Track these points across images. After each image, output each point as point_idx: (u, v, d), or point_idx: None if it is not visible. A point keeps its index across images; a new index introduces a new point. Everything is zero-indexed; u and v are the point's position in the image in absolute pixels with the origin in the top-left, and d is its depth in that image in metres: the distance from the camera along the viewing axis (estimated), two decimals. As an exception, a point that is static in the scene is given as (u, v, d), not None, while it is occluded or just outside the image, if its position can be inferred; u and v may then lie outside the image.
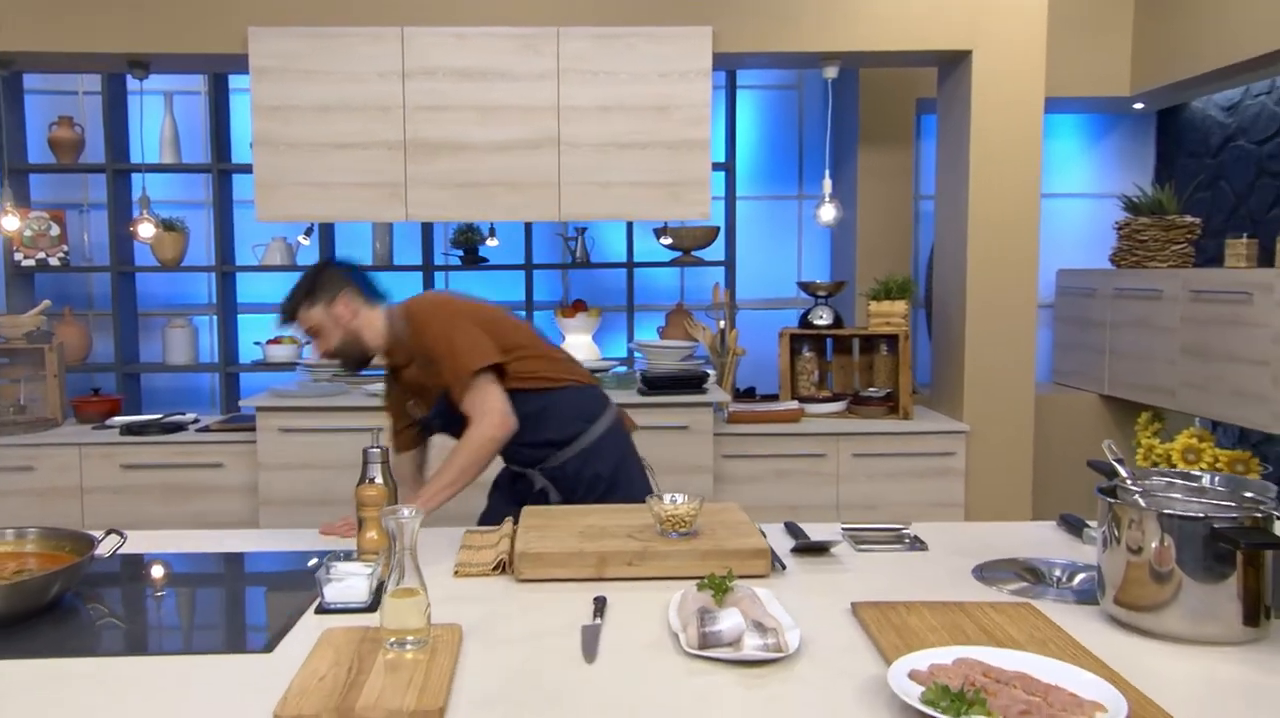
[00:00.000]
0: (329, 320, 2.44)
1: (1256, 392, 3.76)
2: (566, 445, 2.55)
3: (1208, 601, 1.53)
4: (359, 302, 2.47)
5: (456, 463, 2.35)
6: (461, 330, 2.42)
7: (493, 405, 2.38)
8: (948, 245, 4.11)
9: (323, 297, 2.43)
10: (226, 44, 3.72)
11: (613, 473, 2.55)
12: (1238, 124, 4.73)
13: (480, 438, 2.36)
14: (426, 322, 2.44)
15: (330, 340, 2.45)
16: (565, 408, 2.55)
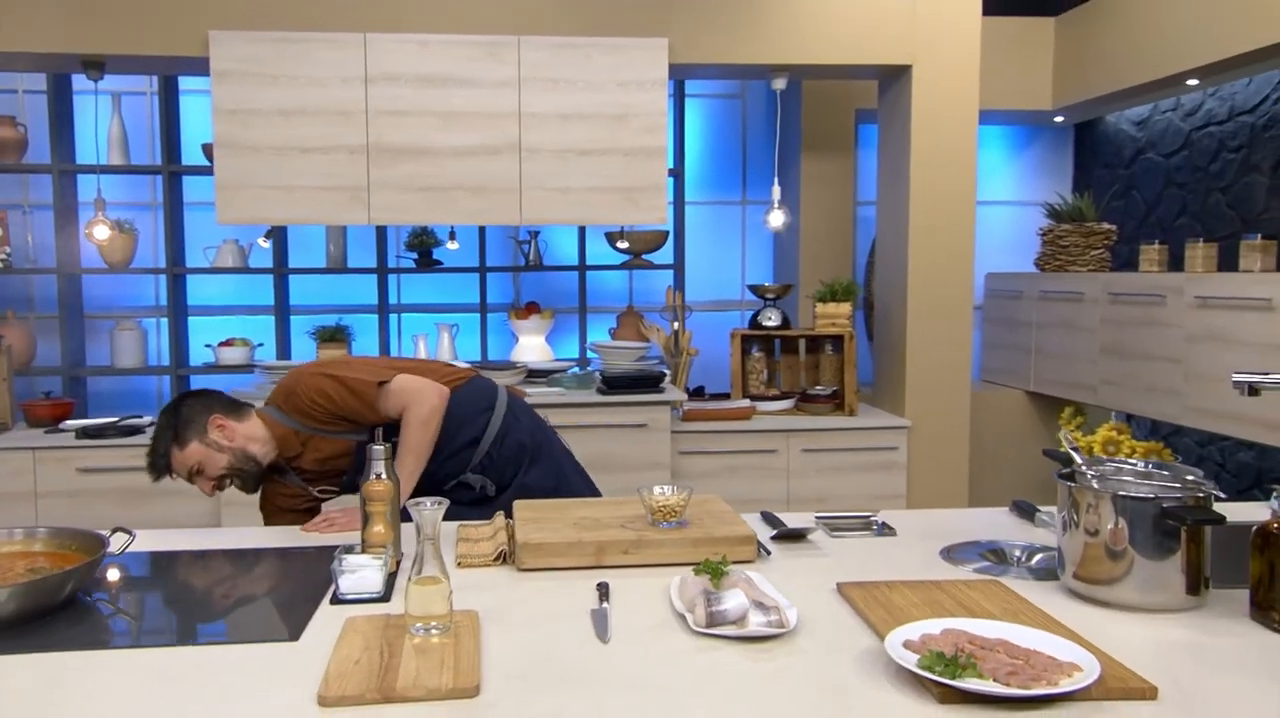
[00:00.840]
0: (209, 452, 2.38)
1: (1169, 387, 4.05)
2: (483, 436, 2.60)
3: (1156, 573, 1.71)
4: (230, 419, 2.42)
5: (410, 448, 2.40)
6: (341, 370, 2.47)
7: (415, 385, 2.43)
8: (890, 250, 4.32)
9: (192, 433, 2.37)
10: (186, 46, 3.73)
11: (532, 437, 2.65)
12: (1147, 138, 5.06)
13: (421, 414, 2.41)
14: (305, 389, 2.43)
15: (217, 467, 2.39)
16: (467, 406, 2.59)
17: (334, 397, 2.43)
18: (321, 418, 2.46)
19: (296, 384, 2.47)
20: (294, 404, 2.46)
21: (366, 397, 2.41)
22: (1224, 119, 4.57)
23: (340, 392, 2.42)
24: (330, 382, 2.44)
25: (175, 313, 4.46)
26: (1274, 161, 4.29)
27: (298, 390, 2.45)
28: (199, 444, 2.38)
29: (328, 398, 2.43)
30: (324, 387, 2.43)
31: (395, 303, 4.87)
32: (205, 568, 2.12)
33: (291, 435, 2.48)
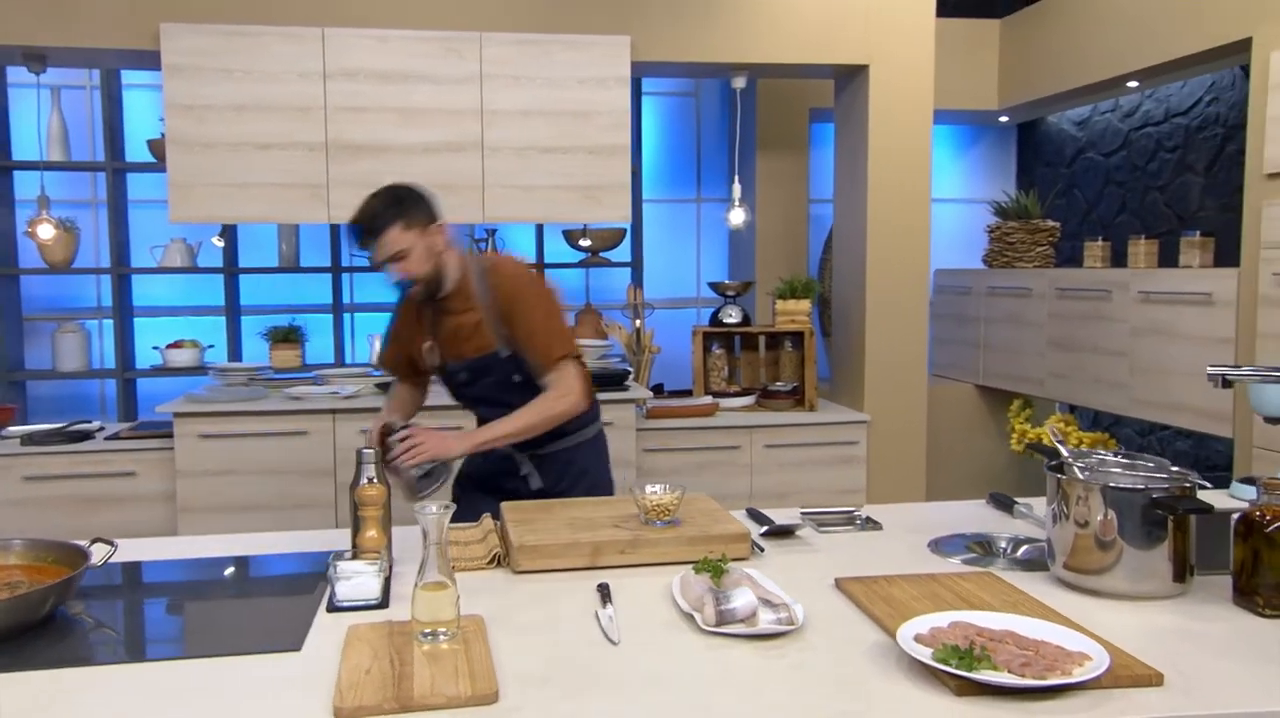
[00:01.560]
0: (422, 246, 2.37)
1: (1115, 380, 4.18)
2: (569, 436, 2.60)
3: (1145, 562, 1.77)
4: (447, 236, 2.45)
5: (525, 419, 2.42)
6: (555, 313, 2.50)
7: (575, 386, 2.46)
8: (848, 247, 4.38)
9: (417, 221, 2.37)
10: (134, 39, 3.61)
11: (596, 470, 2.66)
12: (1087, 138, 5.21)
13: (556, 407, 2.44)
14: (520, 289, 2.46)
15: (420, 267, 2.38)
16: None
17: (533, 315, 2.43)
18: (501, 311, 2.44)
19: (516, 270, 2.51)
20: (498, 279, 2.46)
21: (547, 349, 2.43)
22: (1160, 120, 4.73)
23: (542, 320, 2.44)
24: (546, 305, 2.47)
25: (120, 314, 4.32)
26: (1208, 162, 4.46)
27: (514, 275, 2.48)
28: (419, 233, 2.37)
29: (529, 308, 2.43)
30: (535, 299, 2.45)
31: (349, 302, 4.78)
32: (188, 578, 2.06)
33: (466, 294, 2.47)
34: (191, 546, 2.26)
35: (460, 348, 2.51)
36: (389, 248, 2.35)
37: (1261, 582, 1.71)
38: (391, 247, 2.35)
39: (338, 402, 3.79)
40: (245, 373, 3.96)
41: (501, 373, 2.51)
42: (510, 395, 2.51)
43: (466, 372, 2.53)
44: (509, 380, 2.51)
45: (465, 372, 2.53)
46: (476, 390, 2.56)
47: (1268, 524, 1.70)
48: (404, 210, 2.36)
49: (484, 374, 2.51)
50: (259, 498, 3.67)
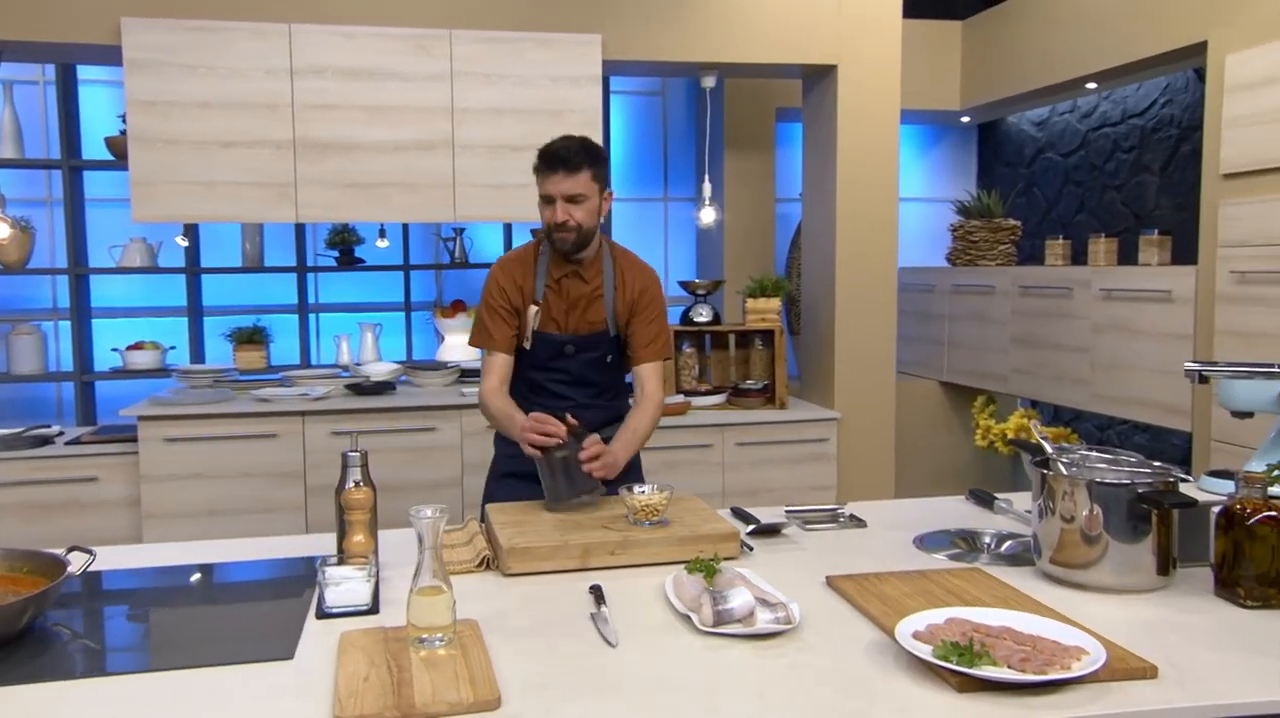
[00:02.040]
0: (597, 202, 2.46)
1: (1077, 376, 4.26)
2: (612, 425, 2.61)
3: (1130, 556, 1.81)
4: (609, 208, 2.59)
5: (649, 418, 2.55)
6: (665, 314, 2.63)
7: (662, 392, 2.61)
8: (816, 246, 4.41)
9: (603, 177, 2.49)
10: (94, 34, 3.52)
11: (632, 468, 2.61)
12: (1046, 138, 5.30)
13: (660, 410, 2.59)
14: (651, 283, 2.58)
15: (589, 218, 2.45)
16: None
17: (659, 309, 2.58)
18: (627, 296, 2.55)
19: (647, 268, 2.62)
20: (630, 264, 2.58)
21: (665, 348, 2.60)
22: (1117, 121, 4.83)
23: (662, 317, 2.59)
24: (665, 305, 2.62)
25: (78, 315, 4.21)
26: (1163, 162, 4.56)
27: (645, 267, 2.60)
28: (600, 190, 2.47)
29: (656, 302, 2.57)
30: (662, 297, 2.60)
31: (315, 302, 4.71)
32: (168, 586, 2.02)
33: (596, 266, 2.54)
34: (167, 553, 2.21)
35: (576, 318, 2.55)
36: (576, 186, 2.41)
37: (1243, 573, 1.75)
38: (578, 186, 2.41)
39: (307, 403, 3.73)
40: (210, 375, 3.88)
41: (602, 351, 2.58)
42: (596, 374, 2.60)
43: (573, 344, 2.55)
44: (603, 360, 2.59)
45: (572, 344, 2.55)
46: (570, 363, 2.57)
47: (1249, 517, 1.74)
48: (600, 161, 2.47)
49: (587, 349, 2.56)
50: (227, 502, 3.61)
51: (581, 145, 2.45)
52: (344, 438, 3.70)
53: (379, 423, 3.72)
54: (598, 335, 2.56)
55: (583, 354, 2.56)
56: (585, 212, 2.44)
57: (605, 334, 2.56)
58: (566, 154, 2.42)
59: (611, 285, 2.55)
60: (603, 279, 2.55)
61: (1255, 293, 3.43)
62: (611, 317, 2.55)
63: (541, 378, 2.60)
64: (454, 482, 3.73)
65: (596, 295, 2.54)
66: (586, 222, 2.45)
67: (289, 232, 4.50)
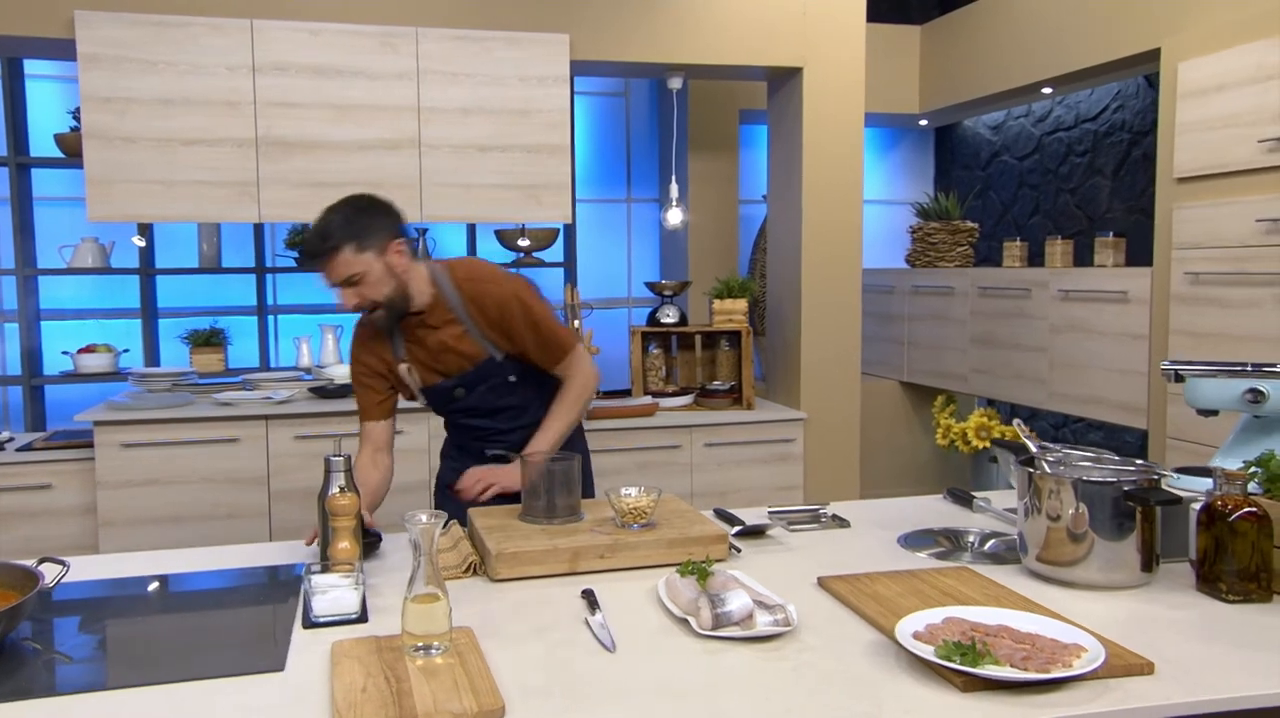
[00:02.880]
0: (380, 269, 2.19)
1: (1035, 375, 4.34)
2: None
3: (1116, 553, 1.84)
4: (407, 251, 2.26)
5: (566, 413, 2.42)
6: (546, 305, 2.40)
7: (590, 370, 2.46)
8: (782, 247, 4.43)
9: (373, 242, 2.18)
10: (44, 26, 3.41)
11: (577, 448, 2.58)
12: (1002, 142, 5.40)
13: (586, 391, 2.44)
14: (505, 292, 2.33)
15: (379, 290, 2.21)
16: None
17: (532, 317, 2.34)
18: (490, 320, 2.34)
19: (494, 275, 2.36)
20: (477, 290, 2.33)
21: (563, 343, 2.40)
22: (1070, 125, 4.93)
23: (542, 319, 2.36)
24: (538, 311, 2.36)
25: (26, 317, 4.07)
26: (1115, 166, 4.66)
27: (493, 281, 2.35)
28: (376, 257, 2.19)
29: (525, 312, 2.33)
30: (529, 301, 2.34)
31: (274, 304, 4.62)
32: (144, 597, 1.96)
33: (443, 308, 2.33)
34: (136, 562, 2.15)
35: (448, 363, 2.40)
36: (341, 271, 2.17)
37: (1225, 569, 1.79)
38: (344, 270, 2.17)
39: (270, 407, 3.65)
40: (168, 378, 3.78)
41: (498, 377, 2.44)
42: (505, 398, 2.47)
43: (461, 386, 2.43)
44: (505, 383, 2.45)
45: (460, 386, 2.43)
46: (471, 401, 2.46)
47: (1230, 513, 1.78)
48: (356, 230, 2.17)
49: (479, 383, 2.44)
50: (187, 509, 3.52)
51: (326, 227, 2.18)
52: (308, 442, 3.63)
53: (344, 427, 3.66)
54: (483, 367, 2.40)
55: (477, 389, 2.44)
56: (370, 287, 2.20)
57: (491, 361, 2.41)
58: (314, 246, 2.18)
59: (466, 316, 2.35)
60: (454, 316, 2.36)
61: (1208, 294, 3.52)
62: (486, 343, 2.38)
63: (459, 419, 2.54)
64: (422, 485, 3.68)
65: (457, 331, 2.37)
66: (379, 293, 2.22)
67: (247, 232, 4.41)
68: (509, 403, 2.47)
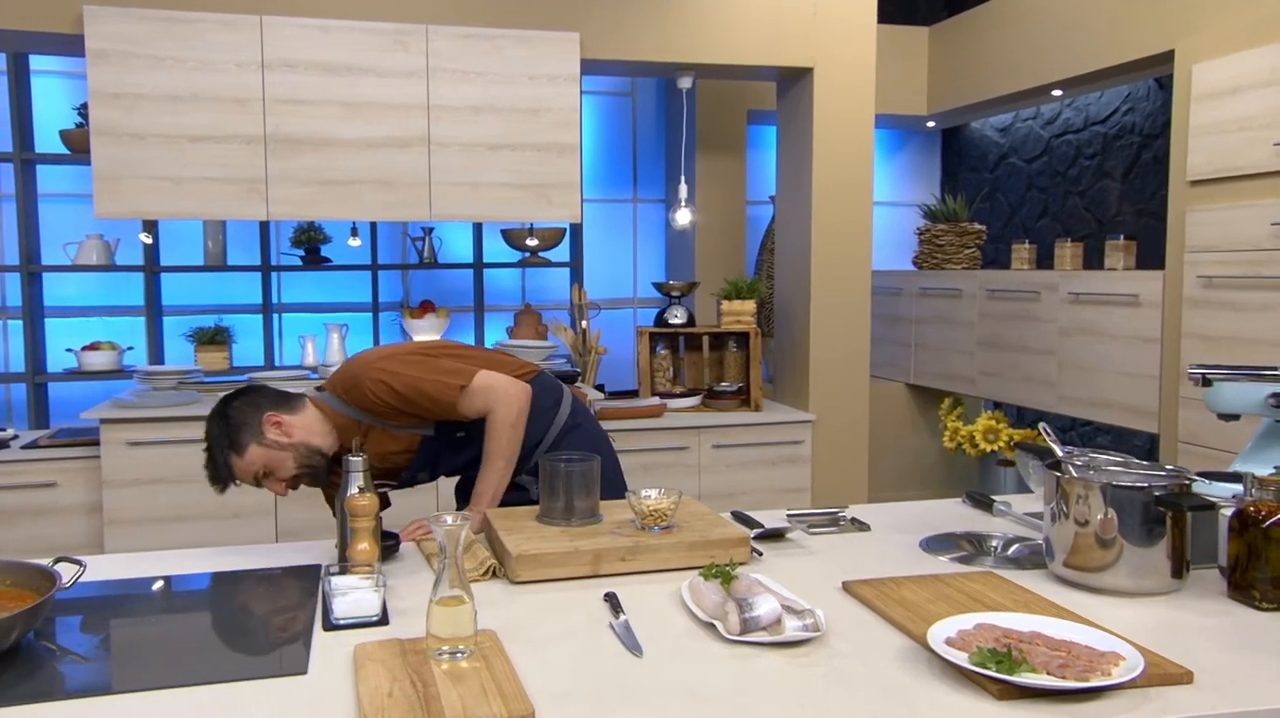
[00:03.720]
0: (271, 453, 2.17)
1: (1044, 378, 4.33)
2: (544, 436, 2.49)
3: (1145, 559, 1.82)
4: (284, 413, 2.21)
5: (500, 452, 2.30)
6: (418, 366, 2.30)
7: (499, 384, 2.29)
8: (791, 248, 4.41)
9: (248, 437, 2.16)
10: (53, 21, 3.38)
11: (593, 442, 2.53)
12: (1010, 144, 5.38)
13: (509, 416, 2.29)
14: (371, 384, 2.25)
15: (286, 468, 2.19)
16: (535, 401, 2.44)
17: (407, 395, 2.25)
18: (387, 413, 2.28)
19: (362, 375, 2.27)
20: (357, 397, 2.27)
21: (446, 400, 2.26)
22: (1080, 128, 4.92)
23: (414, 391, 2.25)
24: (402, 380, 2.26)
25: (31, 315, 4.03)
26: (1124, 168, 4.65)
27: (363, 383, 2.26)
28: (258, 447, 2.16)
29: (399, 397, 2.25)
30: (395, 385, 2.25)
31: (279, 302, 4.59)
32: (160, 597, 1.93)
33: (353, 425, 2.29)
34: (149, 563, 2.12)
35: (397, 462, 2.37)
36: (248, 477, 2.18)
37: (1258, 576, 1.77)
38: (248, 475, 2.18)
39: (277, 406, 3.61)
40: (174, 376, 3.74)
41: (445, 439, 2.38)
42: (469, 450, 2.40)
43: (425, 470, 2.43)
44: (455, 441, 2.39)
45: (423, 471, 2.43)
46: (443, 470, 2.47)
47: (1264, 520, 1.76)
48: (231, 439, 2.15)
49: (436, 456, 2.40)
50: (192, 508, 3.49)
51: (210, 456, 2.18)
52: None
53: (351, 426, 3.63)
54: (426, 448, 2.37)
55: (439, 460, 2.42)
56: (280, 468, 2.19)
57: (429, 439, 2.36)
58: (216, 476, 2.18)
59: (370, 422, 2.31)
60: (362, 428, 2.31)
61: (1222, 297, 3.51)
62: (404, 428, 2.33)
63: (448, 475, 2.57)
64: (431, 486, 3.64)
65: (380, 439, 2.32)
66: (290, 470, 2.20)
67: (252, 230, 4.38)
68: (470, 447, 2.40)
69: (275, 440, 2.18)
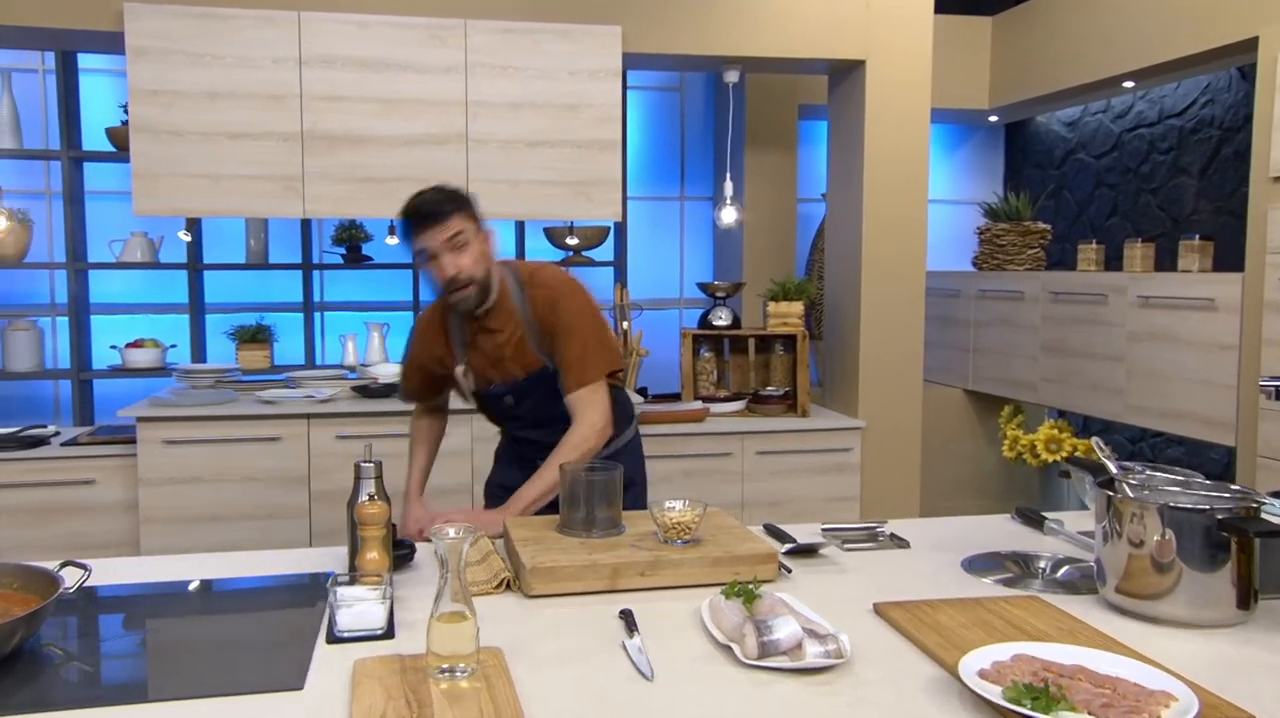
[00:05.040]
0: (480, 246, 2.25)
1: (1111, 385, 4.11)
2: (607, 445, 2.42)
3: (1207, 587, 1.66)
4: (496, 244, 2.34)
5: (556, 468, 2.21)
6: (601, 324, 2.33)
7: (600, 415, 2.29)
8: (841, 247, 4.27)
9: (475, 218, 2.26)
10: (95, 19, 3.40)
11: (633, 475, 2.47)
12: (1078, 139, 5.15)
13: (583, 446, 2.27)
14: (562, 302, 2.30)
15: (478, 266, 2.23)
16: (617, 407, 2.43)
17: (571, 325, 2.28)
18: (540, 321, 2.29)
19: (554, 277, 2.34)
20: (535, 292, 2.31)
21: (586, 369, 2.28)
22: (1154, 121, 4.68)
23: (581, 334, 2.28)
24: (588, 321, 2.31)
25: (77, 311, 4.07)
26: (1202, 164, 4.41)
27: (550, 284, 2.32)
28: (477, 233, 2.25)
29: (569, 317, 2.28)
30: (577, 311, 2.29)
31: (320, 301, 4.58)
32: (169, 603, 1.88)
33: (506, 309, 2.31)
34: (166, 566, 2.08)
35: (503, 369, 2.36)
36: (451, 232, 2.20)
37: (1335, 609, 1.60)
38: (454, 230, 2.21)
39: (313, 406, 3.59)
40: (212, 375, 3.74)
41: (549, 387, 2.35)
42: (555, 409, 2.35)
43: (512, 394, 2.37)
44: (555, 393, 2.35)
45: (510, 394, 2.37)
46: (522, 411, 2.41)
47: (1342, 547, 1.60)
48: (467, 204, 2.26)
49: (530, 394, 2.36)
50: (228, 508, 3.47)
51: (443, 193, 2.25)
52: (349, 442, 3.56)
53: (386, 427, 3.59)
54: (535, 377, 2.35)
55: (528, 399, 2.38)
56: (472, 257, 2.24)
57: (545, 372, 2.35)
58: (431, 206, 2.22)
59: (527, 320, 2.33)
60: (517, 320, 2.34)
61: (1304, 302, 3.28)
62: (540, 352, 2.33)
63: (512, 428, 2.50)
64: (463, 488, 3.58)
65: (515, 342, 2.34)
66: (478, 270, 2.25)
67: (294, 228, 4.37)
68: (561, 413, 2.34)
69: (486, 246, 2.27)
